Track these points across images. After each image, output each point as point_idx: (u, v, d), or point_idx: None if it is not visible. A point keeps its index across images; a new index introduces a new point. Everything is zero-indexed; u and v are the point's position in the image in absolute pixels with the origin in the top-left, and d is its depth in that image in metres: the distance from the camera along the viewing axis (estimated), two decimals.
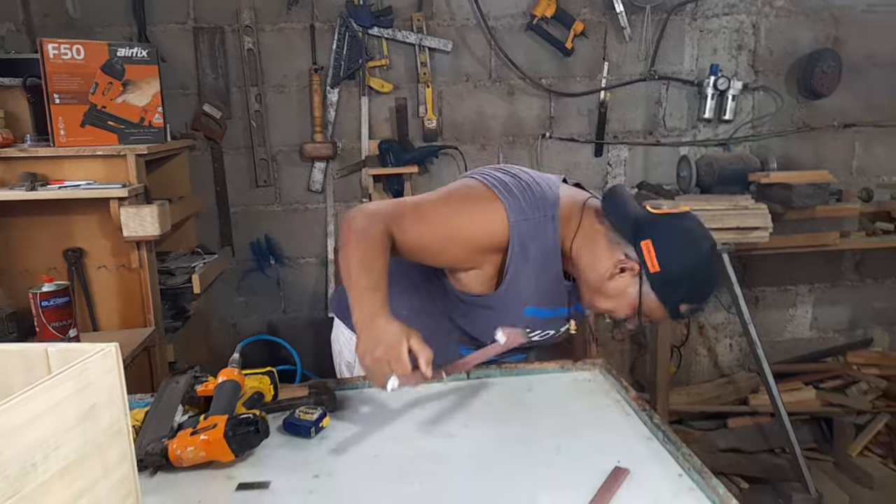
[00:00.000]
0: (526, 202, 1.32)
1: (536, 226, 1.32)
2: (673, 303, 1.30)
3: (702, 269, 1.29)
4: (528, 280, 1.35)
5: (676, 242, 1.28)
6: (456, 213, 1.34)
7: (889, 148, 3.13)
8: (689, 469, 1.07)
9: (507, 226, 1.30)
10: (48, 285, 1.77)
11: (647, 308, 1.31)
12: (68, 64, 1.96)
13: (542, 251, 1.34)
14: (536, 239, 1.33)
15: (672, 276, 1.27)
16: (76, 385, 0.82)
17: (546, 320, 1.43)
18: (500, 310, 1.37)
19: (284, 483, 1.07)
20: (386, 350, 1.14)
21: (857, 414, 3.03)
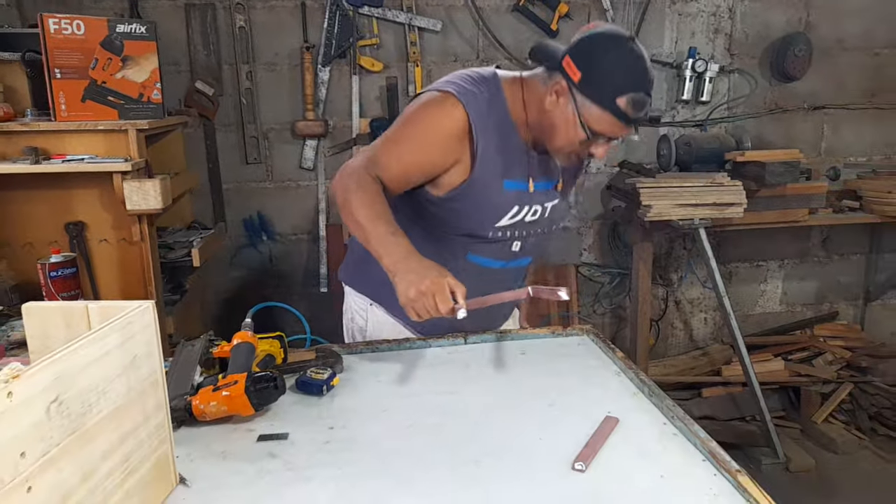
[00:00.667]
0: (470, 84, 1.42)
1: (487, 100, 1.41)
2: (608, 101, 1.29)
3: (619, 56, 1.29)
4: (496, 152, 1.42)
5: (587, 44, 1.31)
6: (419, 123, 1.42)
7: (856, 130, 3.27)
8: (673, 418, 1.18)
9: (462, 106, 1.38)
10: (56, 256, 1.82)
11: (591, 120, 1.32)
12: (69, 39, 1.99)
13: (498, 122, 1.42)
14: (490, 111, 1.41)
15: (594, 75, 1.29)
16: (121, 337, 0.90)
17: (529, 194, 1.48)
18: (482, 189, 1.44)
19: (302, 434, 1.15)
20: (431, 284, 1.23)
21: (822, 383, 3.19)
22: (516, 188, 1.47)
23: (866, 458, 2.94)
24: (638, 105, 1.30)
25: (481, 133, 1.40)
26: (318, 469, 1.05)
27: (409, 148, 1.42)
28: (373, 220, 1.33)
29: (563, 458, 1.05)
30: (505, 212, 1.47)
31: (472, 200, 1.45)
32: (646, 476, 1.01)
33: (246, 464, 1.07)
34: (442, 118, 1.40)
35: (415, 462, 1.06)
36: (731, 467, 1.00)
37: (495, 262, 1.55)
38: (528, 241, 1.56)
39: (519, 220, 1.50)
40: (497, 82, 1.43)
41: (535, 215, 1.52)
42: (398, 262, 1.28)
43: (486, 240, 1.51)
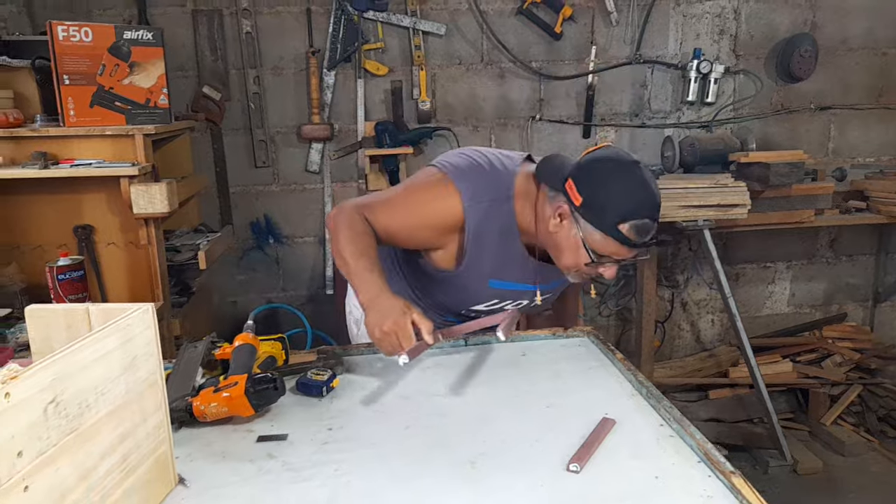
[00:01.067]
0: (481, 186, 1.42)
1: (492, 208, 1.42)
2: (609, 226, 1.30)
3: (621, 182, 1.30)
4: (490, 256, 1.45)
5: (590, 168, 1.33)
6: (416, 203, 1.46)
7: (863, 130, 3.25)
8: (670, 419, 1.18)
9: (462, 210, 1.41)
10: (64, 259, 1.85)
11: (595, 245, 1.33)
12: (76, 46, 2.02)
13: (499, 229, 1.43)
14: (493, 219, 1.43)
15: (595, 201, 1.30)
16: (120, 338, 0.92)
17: (513, 292, 1.54)
18: (465, 282, 1.49)
19: (301, 435, 1.17)
20: (393, 323, 1.26)
21: (831, 385, 3.17)
22: (502, 287, 1.51)
23: (875, 460, 2.91)
24: (641, 231, 1.30)
25: (473, 241, 1.42)
26: (317, 469, 1.06)
27: (400, 220, 1.45)
28: (355, 256, 1.37)
29: (559, 460, 1.06)
30: (483, 301, 1.53)
31: (452, 285, 1.51)
32: (640, 477, 1.02)
33: (245, 464, 1.09)
34: (439, 206, 1.43)
35: (411, 462, 1.07)
36: (725, 469, 1.00)
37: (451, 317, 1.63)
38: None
39: (498, 306, 1.56)
40: (510, 191, 1.42)
41: (517, 305, 1.57)
42: (371, 300, 1.32)
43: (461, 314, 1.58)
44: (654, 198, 1.31)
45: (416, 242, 1.50)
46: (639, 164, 1.33)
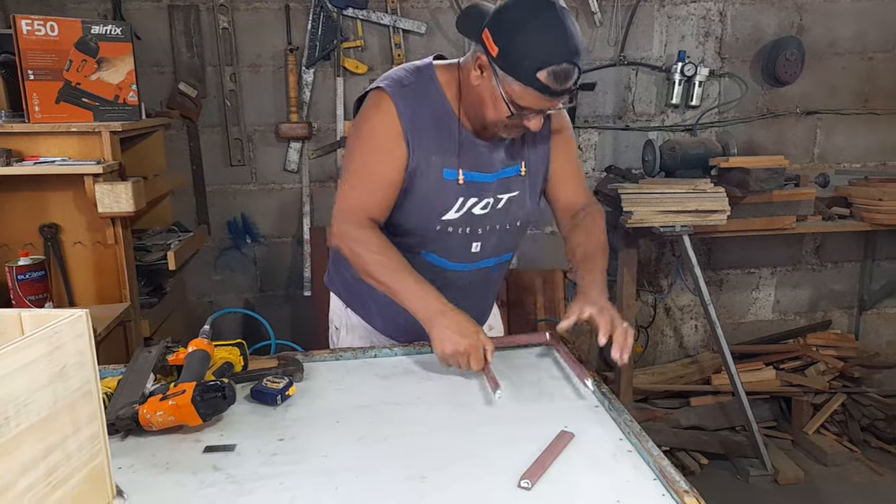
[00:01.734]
0: (401, 75, 1.39)
1: (417, 89, 1.38)
2: (527, 75, 1.23)
3: (536, 26, 1.21)
4: (432, 142, 1.39)
5: (504, 14, 1.24)
6: (366, 137, 1.40)
7: (849, 135, 3.23)
8: (629, 433, 1.15)
9: (390, 98, 1.36)
10: (24, 259, 1.81)
11: (515, 96, 1.27)
12: (42, 40, 1.97)
13: (432, 110, 1.38)
14: (423, 100, 1.38)
15: (511, 49, 1.23)
16: (47, 347, 0.87)
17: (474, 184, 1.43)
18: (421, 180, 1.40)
19: (249, 446, 1.13)
20: (469, 346, 1.29)
21: (814, 394, 3.15)
22: (455, 177, 1.43)
23: (857, 470, 2.89)
24: (560, 77, 1.22)
25: (410, 124, 1.37)
26: (260, 482, 1.03)
27: (368, 166, 1.40)
28: (389, 273, 1.37)
29: (511, 475, 1.02)
30: (449, 204, 1.43)
31: (413, 194, 1.42)
32: (592, 494, 0.99)
33: (188, 475, 1.05)
34: (379, 119, 1.38)
35: (359, 476, 1.04)
36: (679, 487, 0.97)
37: (454, 264, 1.51)
38: (487, 240, 1.50)
39: (466, 213, 1.45)
40: (430, 70, 1.40)
41: (485, 209, 1.46)
42: (432, 318, 1.32)
43: (437, 235, 1.46)
44: (573, 39, 1.23)
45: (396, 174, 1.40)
46: (555, 4, 1.24)
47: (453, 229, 1.46)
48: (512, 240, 1.57)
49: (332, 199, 2.92)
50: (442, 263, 1.51)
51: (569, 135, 1.56)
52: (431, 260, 1.50)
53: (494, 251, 1.53)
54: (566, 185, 1.57)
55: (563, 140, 1.54)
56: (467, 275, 1.54)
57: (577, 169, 1.61)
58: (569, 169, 1.56)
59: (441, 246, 1.49)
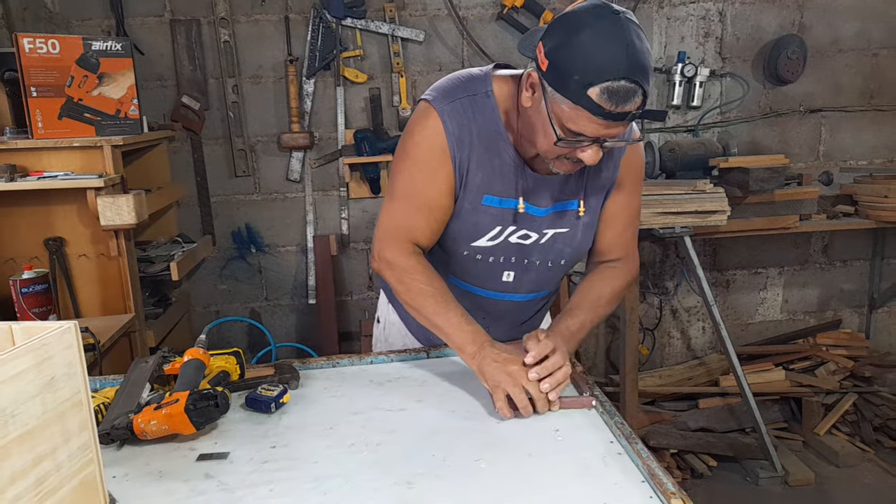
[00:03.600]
0: (455, 88, 1.27)
1: (468, 104, 1.26)
2: (577, 92, 1.07)
3: (592, 36, 1.05)
4: (477, 162, 1.28)
5: (560, 25, 1.10)
6: (411, 153, 1.30)
7: (855, 133, 3.19)
8: (620, 436, 1.14)
9: (437, 113, 1.25)
10: (28, 273, 1.84)
11: (565, 118, 1.12)
12: (44, 58, 2.01)
13: (483, 129, 1.26)
14: (471, 115, 1.26)
15: (561, 61, 1.08)
16: (35, 358, 0.89)
17: (517, 213, 1.32)
18: (462, 205, 1.31)
19: (242, 453, 1.14)
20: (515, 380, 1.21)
21: (825, 394, 3.11)
22: (499, 205, 1.32)
23: (869, 471, 2.85)
24: (617, 96, 1.06)
25: (455, 141, 1.26)
26: (250, 490, 1.03)
27: (414, 189, 1.30)
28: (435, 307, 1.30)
29: (500, 482, 1.02)
30: (483, 231, 1.33)
31: (454, 221, 1.34)
32: (582, 497, 0.98)
33: (180, 483, 1.06)
34: (424, 136, 1.28)
35: (347, 482, 1.04)
36: (666, 489, 0.96)
37: (482, 290, 1.44)
38: (523, 272, 1.40)
39: (502, 243, 1.35)
40: (487, 82, 1.26)
41: (526, 240, 1.35)
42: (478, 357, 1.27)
43: (463, 260, 1.39)
44: (635, 54, 1.05)
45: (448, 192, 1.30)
46: (620, 14, 1.07)
47: (482, 257, 1.37)
48: (554, 277, 1.46)
49: (335, 207, 2.98)
50: (468, 288, 1.45)
51: (633, 183, 1.38)
52: (458, 285, 1.45)
53: (532, 287, 1.44)
54: (609, 231, 1.41)
55: (627, 186, 1.37)
56: (499, 304, 1.46)
57: (628, 220, 1.42)
58: (619, 217, 1.40)
59: (467, 272, 1.42)
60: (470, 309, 1.39)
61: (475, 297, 1.45)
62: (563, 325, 1.36)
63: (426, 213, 1.31)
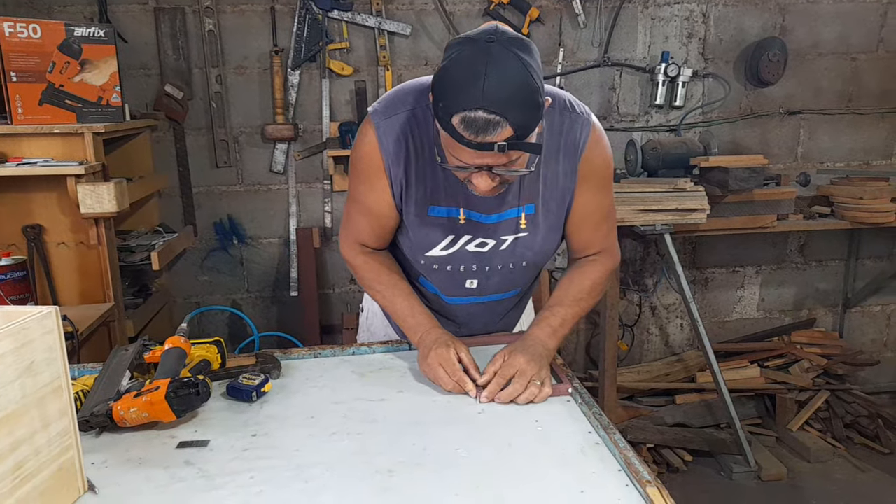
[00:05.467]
0: (394, 100, 1.30)
1: (407, 120, 1.27)
2: (444, 121, 1.09)
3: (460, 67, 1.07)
4: (417, 174, 1.30)
5: (446, 51, 1.13)
6: (355, 163, 1.35)
7: (833, 135, 3.25)
8: (598, 426, 1.16)
9: (374, 130, 1.28)
10: (5, 260, 1.82)
11: (444, 142, 1.15)
12: (25, 42, 1.99)
13: (426, 143, 1.28)
14: (413, 132, 1.28)
15: (434, 88, 1.11)
16: (15, 342, 0.89)
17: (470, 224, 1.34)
18: (406, 217, 1.35)
19: (223, 441, 1.14)
20: (435, 355, 1.31)
21: (798, 391, 3.18)
22: (447, 215, 1.34)
23: (840, 466, 2.91)
24: (473, 126, 1.06)
25: (391, 157, 1.29)
26: (230, 477, 1.04)
27: (359, 196, 1.38)
28: (390, 298, 1.43)
29: (479, 471, 1.04)
30: (434, 241, 1.36)
31: (403, 235, 1.41)
32: (559, 487, 1.00)
33: (160, 471, 1.06)
34: (362, 150, 1.32)
35: (328, 471, 1.05)
36: (642, 478, 0.99)
37: (447, 296, 1.48)
38: (486, 278, 1.42)
39: (458, 252, 1.38)
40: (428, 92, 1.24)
41: (483, 248, 1.37)
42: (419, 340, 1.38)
43: (423, 268, 1.43)
44: (495, 84, 1.04)
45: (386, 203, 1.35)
46: (494, 42, 1.07)
47: (440, 266, 1.40)
48: (520, 278, 1.47)
49: (318, 200, 2.97)
50: (435, 291, 1.49)
51: (598, 182, 1.37)
52: (426, 286, 1.50)
53: (497, 288, 1.46)
54: (583, 231, 1.42)
55: (592, 187, 1.36)
56: (468, 307, 1.49)
57: (600, 218, 1.42)
58: (590, 217, 1.40)
59: (430, 277, 1.46)
60: (440, 311, 1.46)
61: (443, 302, 1.49)
62: (544, 323, 1.38)
63: (369, 218, 1.40)
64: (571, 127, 1.31)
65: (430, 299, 1.51)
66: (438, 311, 1.51)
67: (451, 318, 1.52)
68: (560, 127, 1.30)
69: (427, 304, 1.48)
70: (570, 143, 1.31)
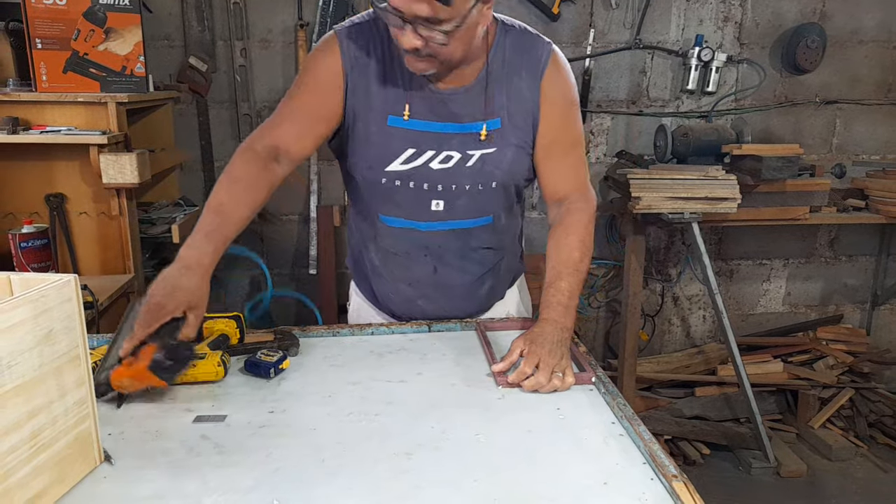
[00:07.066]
0: (361, 14, 1.33)
1: (371, 27, 1.29)
2: None
3: None
4: (377, 81, 1.29)
5: None
6: (304, 69, 1.34)
7: (869, 126, 3.15)
8: (622, 417, 1.13)
9: (337, 39, 1.29)
10: (27, 227, 1.82)
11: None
12: (50, 9, 1.97)
13: (385, 50, 1.28)
14: (375, 39, 1.28)
15: None
16: (33, 310, 0.87)
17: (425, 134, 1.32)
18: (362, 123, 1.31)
19: (240, 417, 1.13)
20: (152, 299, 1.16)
21: (822, 388, 3.11)
22: (405, 126, 1.31)
23: (862, 466, 2.86)
24: None
25: (354, 63, 1.28)
26: (246, 454, 1.02)
27: (297, 96, 1.33)
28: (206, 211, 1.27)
29: (498, 456, 1.01)
30: (394, 153, 1.32)
31: (355, 140, 1.34)
32: (579, 476, 0.97)
33: (176, 444, 1.05)
34: (320, 58, 1.31)
35: (345, 451, 1.03)
36: (667, 472, 0.95)
37: (411, 222, 1.40)
38: (452, 199, 1.37)
39: (420, 167, 1.34)
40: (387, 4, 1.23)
41: (447, 162, 1.33)
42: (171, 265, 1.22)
43: (384, 190, 1.36)
44: None
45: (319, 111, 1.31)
46: None
47: (402, 182, 1.35)
48: (489, 201, 1.40)
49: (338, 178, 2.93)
50: (397, 224, 1.41)
51: (562, 107, 1.36)
52: (390, 223, 1.42)
53: (466, 212, 1.40)
54: (551, 164, 1.39)
55: (556, 111, 1.35)
56: (437, 236, 1.41)
57: (568, 146, 1.39)
58: (557, 144, 1.37)
59: (392, 203, 1.39)
60: (410, 248, 1.39)
61: (410, 233, 1.40)
62: (554, 302, 1.32)
63: (300, 119, 1.32)
64: (533, 45, 1.35)
65: (396, 236, 1.42)
66: (408, 251, 1.43)
67: (423, 250, 1.42)
68: (522, 45, 1.34)
69: (395, 242, 1.42)
70: (532, 61, 1.34)
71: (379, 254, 1.48)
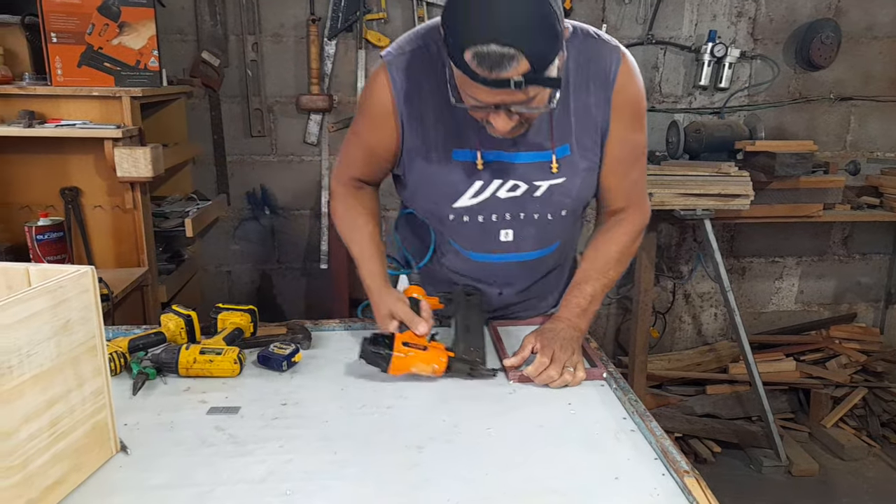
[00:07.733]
0: (406, 40, 1.25)
1: (421, 56, 1.22)
2: (455, 56, 1.03)
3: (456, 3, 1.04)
4: (435, 116, 1.24)
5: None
6: (362, 102, 1.33)
7: (884, 123, 3.11)
8: (633, 413, 1.13)
9: (387, 72, 1.23)
10: (43, 220, 1.84)
11: (458, 81, 1.09)
12: (65, 3, 1.99)
13: (439, 80, 1.20)
14: (426, 69, 1.21)
15: (445, 24, 1.06)
16: (51, 300, 0.88)
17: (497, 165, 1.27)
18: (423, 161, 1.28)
19: (253, 409, 1.14)
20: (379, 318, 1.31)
21: (834, 387, 3.09)
22: (473, 159, 1.26)
23: (874, 465, 2.84)
24: (487, 61, 0.99)
25: (405, 97, 1.23)
26: (260, 445, 1.03)
27: (358, 133, 1.35)
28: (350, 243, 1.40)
29: (510, 451, 1.02)
30: (461, 189, 1.29)
31: (418, 175, 1.32)
32: (590, 471, 0.97)
33: (191, 435, 1.07)
34: (372, 92, 1.27)
35: (356, 443, 1.04)
36: (679, 467, 0.95)
37: (478, 254, 1.39)
38: (522, 228, 1.34)
39: (489, 198, 1.30)
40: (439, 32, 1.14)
41: (515, 191, 1.29)
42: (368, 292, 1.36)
43: (451, 224, 1.35)
44: (508, 15, 0.97)
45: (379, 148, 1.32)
46: None
47: (470, 218, 1.32)
48: (558, 230, 1.38)
49: None
50: (467, 254, 1.40)
51: (633, 118, 1.29)
52: (457, 248, 1.41)
53: (535, 243, 1.38)
54: (615, 180, 1.34)
55: (627, 124, 1.28)
56: (506, 266, 1.40)
57: (633, 160, 1.33)
58: (624, 159, 1.31)
59: (459, 235, 1.37)
60: (479, 274, 1.40)
61: (476, 264, 1.40)
62: (573, 303, 1.33)
63: (365, 158, 1.37)
64: (599, 53, 1.23)
65: (464, 260, 1.42)
66: (477, 277, 1.43)
67: (491, 277, 1.42)
68: (587, 54, 1.22)
69: (462, 265, 1.43)
70: (601, 71, 1.23)
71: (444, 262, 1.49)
